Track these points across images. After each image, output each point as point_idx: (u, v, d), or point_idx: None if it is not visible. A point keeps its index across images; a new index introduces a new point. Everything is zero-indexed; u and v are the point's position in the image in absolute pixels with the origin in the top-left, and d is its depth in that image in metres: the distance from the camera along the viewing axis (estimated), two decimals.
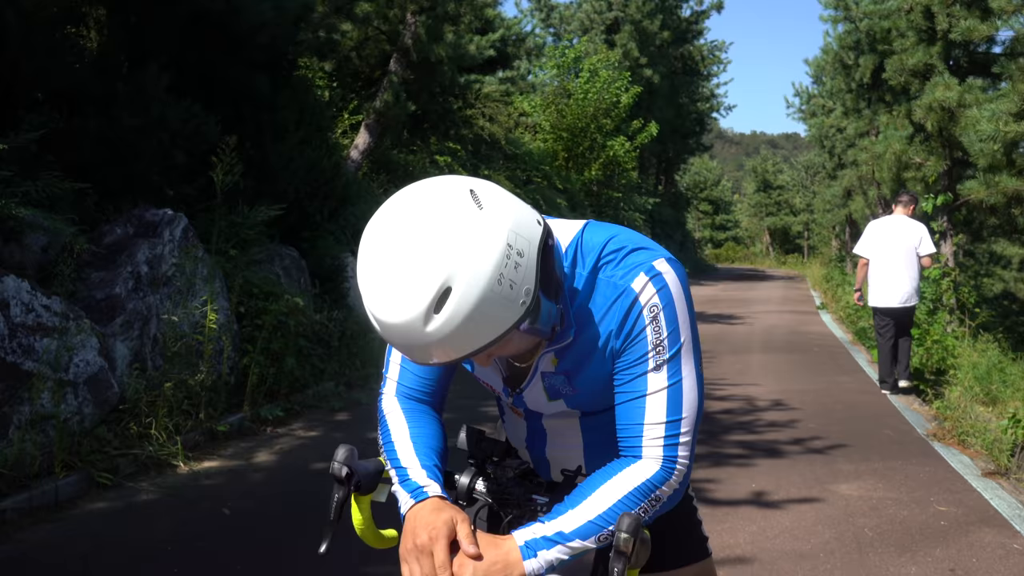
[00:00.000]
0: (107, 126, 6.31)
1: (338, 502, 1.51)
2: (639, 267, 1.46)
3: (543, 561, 1.39)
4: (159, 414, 5.38)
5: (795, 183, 55.49)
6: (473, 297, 1.21)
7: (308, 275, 8.03)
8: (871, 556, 4.26)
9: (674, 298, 1.46)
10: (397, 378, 1.67)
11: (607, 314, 1.47)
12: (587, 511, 1.42)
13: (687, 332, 1.48)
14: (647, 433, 1.47)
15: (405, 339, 1.25)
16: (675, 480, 1.50)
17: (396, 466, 1.55)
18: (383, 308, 1.24)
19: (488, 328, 1.25)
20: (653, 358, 1.46)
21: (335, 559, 3.85)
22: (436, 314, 1.21)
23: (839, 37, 15.65)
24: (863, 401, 8.41)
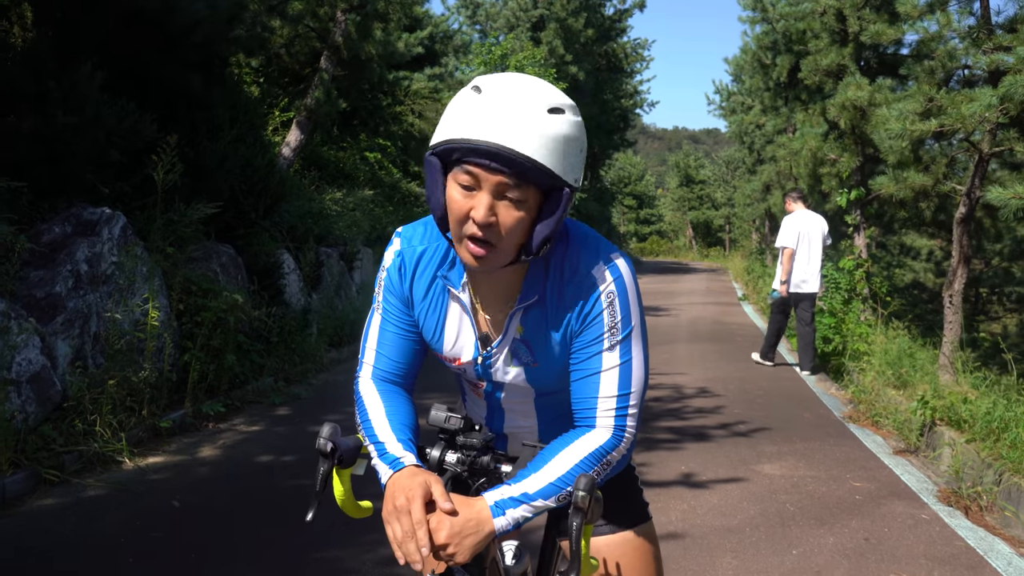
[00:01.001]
0: (42, 124, 6.28)
1: (323, 474, 1.66)
2: (599, 259, 1.68)
3: (510, 519, 1.58)
4: (103, 411, 5.43)
5: (716, 178, 56.63)
6: (569, 128, 1.51)
7: (245, 272, 8.08)
8: (793, 529, 4.57)
9: (627, 288, 1.69)
10: (373, 362, 1.85)
11: (570, 294, 1.69)
12: (549, 474, 1.62)
13: (637, 318, 1.71)
14: (600, 405, 1.69)
15: (519, 114, 1.47)
16: (624, 446, 1.71)
17: (374, 441, 1.73)
18: (510, 89, 1.51)
19: (564, 155, 1.51)
20: (608, 339, 1.68)
21: (284, 546, 4.00)
22: (548, 113, 1.49)
23: (757, 37, 16.17)
24: (783, 387, 8.83)
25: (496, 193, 1.51)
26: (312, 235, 10.10)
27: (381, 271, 1.86)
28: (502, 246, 1.56)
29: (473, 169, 1.50)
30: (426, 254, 1.80)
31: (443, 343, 1.84)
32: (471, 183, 1.52)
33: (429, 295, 1.82)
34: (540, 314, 1.73)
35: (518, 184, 1.50)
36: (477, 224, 1.52)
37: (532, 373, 1.81)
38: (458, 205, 1.54)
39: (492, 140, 1.46)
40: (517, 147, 1.45)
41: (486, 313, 1.78)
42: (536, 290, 1.71)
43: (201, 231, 7.51)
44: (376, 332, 1.86)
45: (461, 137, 1.48)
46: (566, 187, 1.53)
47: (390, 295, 1.84)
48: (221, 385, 6.90)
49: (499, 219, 1.53)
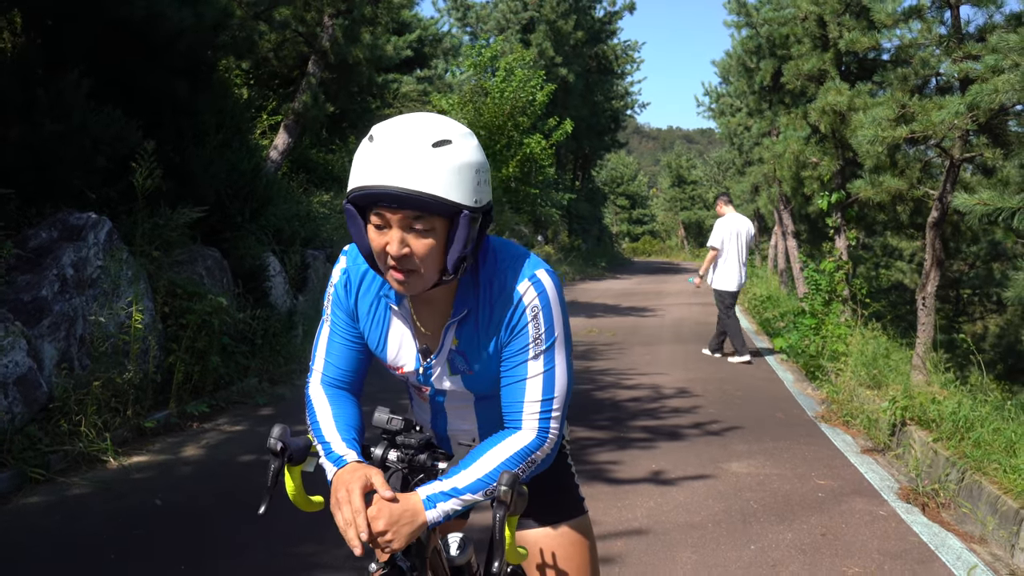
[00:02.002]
0: (29, 132, 6.42)
1: (274, 471, 1.84)
2: (523, 275, 1.86)
3: (440, 511, 1.76)
4: (88, 412, 5.58)
5: (708, 178, 56.89)
6: (456, 156, 1.66)
7: (230, 275, 8.22)
8: (753, 525, 4.74)
9: (551, 301, 1.87)
10: (322, 369, 2.04)
11: (497, 308, 1.86)
12: (477, 470, 1.80)
13: (560, 329, 1.88)
14: (526, 409, 1.87)
15: (407, 156, 1.64)
16: (547, 446, 1.88)
17: (321, 441, 1.91)
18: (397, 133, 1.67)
19: (456, 183, 1.67)
20: (533, 348, 1.86)
21: (264, 545, 4.16)
22: (434, 148, 1.64)
23: (742, 42, 16.33)
24: (762, 387, 9.00)
25: (404, 227, 1.69)
26: (299, 238, 10.25)
27: (329, 287, 2.04)
28: (422, 271, 1.73)
29: (379, 210, 1.68)
30: (369, 272, 1.97)
31: (386, 353, 2.02)
32: (381, 223, 1.70)
33: (373, 310, 1.99)
34: (472, 327, 1.90)
35: (419, 216, 1.67)
36: (393, 257, 1.70)
37: (468, 380, 1.97)
38: (375, 243, 1.73)
39: (383, 184, 1.64)
40: (405, 184, 1.63)
41: (424, 327, 1.96)
42: (467, 304, 1.88)
43: (187, 235, 7.66)
44: (325, 342, 2.04)
45: (360, 185, 1.67)
46: (465, 210, 1.69)
47: (337, 308, 2.01)
48: (206, 386, 7.05)
49: (412, 249, 1.70)
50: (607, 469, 5.73)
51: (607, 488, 5.34)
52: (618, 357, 10.70)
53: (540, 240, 25.29)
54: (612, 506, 4.99)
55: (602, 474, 5.63)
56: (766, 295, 18.03)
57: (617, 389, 8.59)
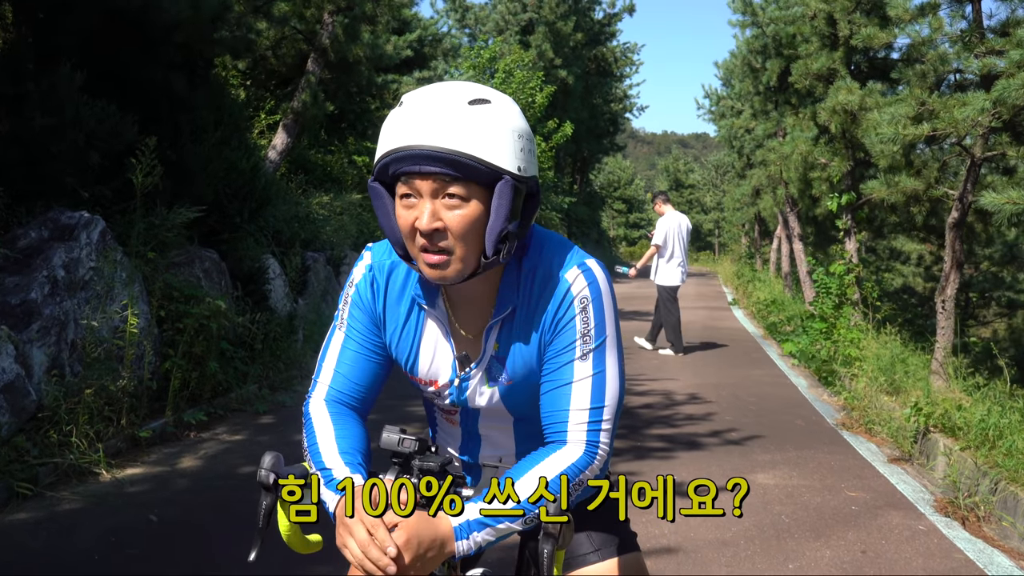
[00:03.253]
0: (19, 126, 6.13)
1: (266, 509, 1.54)
2: (572, 262, 1.61)
3: (472, 542, 1.47)
4: (79, 421, 5.27)
5: (705, 182, 56.74)
6: (496, 115, 1.45)
7: (229, 277, 7.93)
8: (788, 542, 4.47)
9: (602, 293, 1.61)
10: (329, 383, 1.73)
11: (542, 300, 1.60)
12: (516, 494, 1.50)
13: (612, 327, 1.62)
14: (572, 419, 1.59)
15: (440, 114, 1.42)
16: (597, 464, 1.61)
17: (321, 468, 1.60)
18: (429, 94, 1.46)
19: (495, 144, 1.44)
20: (580, 346, 1.59)
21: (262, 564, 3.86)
22: (471, 105, 1.44)
23: (747, 41, 16.09)
24: (775, 393, 8.73)
25: (435, 194, 1.45)
26: (298, 240, 9.96)
27: (348, 287, 1.75)
28: (458, 252, 1.48)
29: (407, 179, 1.46)
30: (397, 268, 1.70)
31: (419, 366, 1.74)
32: (410, 191, 1.46)
33: (403, 315, 1.72)
34: (514, 327, 1.64)
35: (454, 179, 1.44)
36: (423, 232, 1.46)
37: (507, 393, 1.70)
38: (404, 220, 1.49)
39: (411, 143, 1.42)
40: (436, 143, 1.41)
41: (463, 330, 1.68)
42: (511, 300, 1.62)
43: (184, 236, 7.37)
44: (336, 351, 1.74)
45: (387, 150, 1.45)
46: (505, 175, 1.45)
47: (358, 311, 1.73)
48: (204, 393, 6.75)
49: (445, 223, 1.46)
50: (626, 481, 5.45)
51: (627, 502, 5.04)
52: (625, 362, 10.42)
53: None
54: (635, 521, 4.68)
55: None
56: (770, 299, 17.79)
57: (628, 395, 8.32)
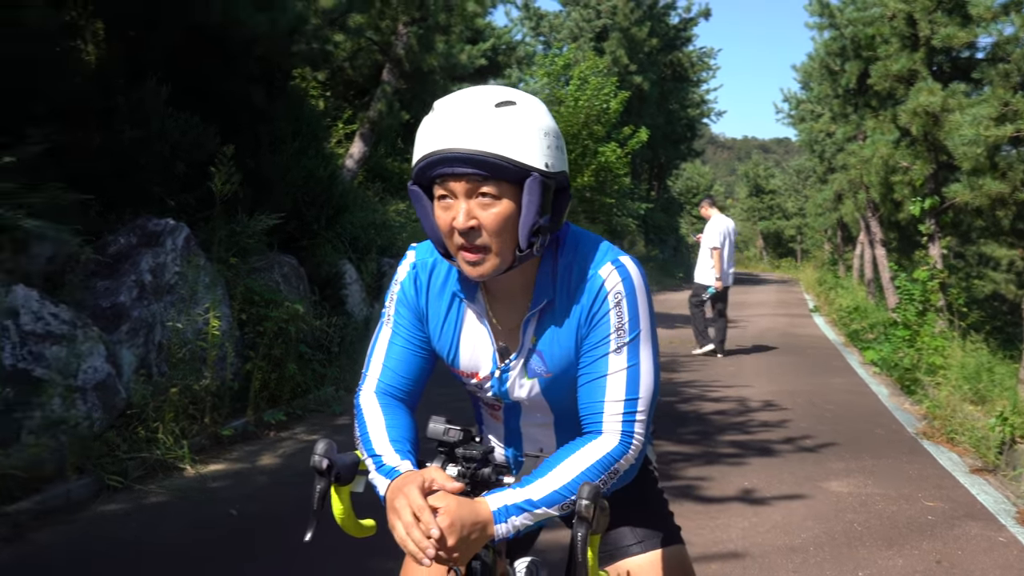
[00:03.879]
0: (109, 138, 6.43)
1: (320, 492, 1.63)
2: (606, 258, 1.68)
3: (511, 526, 1.54)
4: (166, 419, 5.50)
5: (787, 187, 55.73)
6: (523, 116, 1.54)
7: (307, 282, 8.15)
8: (859, 549, 4.40)
9: (636, 289, 1.67)
10: (378, 376, 1.82)
11: (577, 295, 1.67)
12: (553, 482, 1.57)
13: (646, 322, 1.68)
14: (607, 410, 1.65)
15: (470, 117, 1.50)
16: (632, 454, 1.66)
17: (371, 454, 1.69)
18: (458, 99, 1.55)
19: (522, 143, 1.52)
20: (615, 340, 1.65)
21: (338, 555, 3.97)
22: (497, 107, 1.52)
23: (825, 44, 15.81)
24: (855, 401, 8.56)
25: (469, 194, 1.54)
26: (375, 246, 10.17)
27: (394, 284, 1.84)
28: (494, 247, 1.57)
29: (443, 182, 1.55)
30: (439, 265, 1.79)
31: (459, 359, 1.82)
32: (446, 193, 1.56)
33: (444, 310, 1.80)
34: (551, 320, 1.71)
35: (486, 179, 1.52)
36: (460, 231, 1.55)
37: (546, 386, 1.77)
38: (442, 220, 1.58)
39: (443, 147, 1.50)
40: (466, 145, 1.49)
41: (501, 324, 1.76)
42: (546, 293, 1.69)
43: (264, 242, 7.61)
44: (384, 346, 1.83)
45: (422, 155, 1.54)
46: (534, 172, 1.53)
47: (403, 308, 1.82)
48: (283, 394, 6.95)
49: (480, 221, 1.55)
50: (696, 486, 5.43)
51: (697, 506, 5.04)
52: (701, 369, 10.35)
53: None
54: (703, 526, 4.69)
55: (691, 491, 5.32)
56: (853, 306, 17.40)
57: (702, 402, 8.26)
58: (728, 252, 11.17)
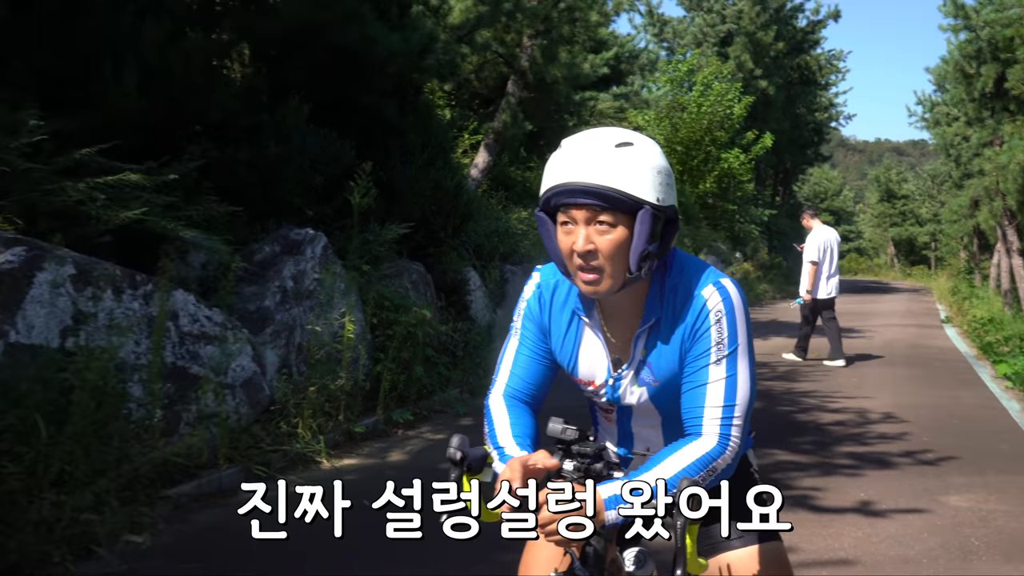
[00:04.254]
0: (255, 154, 6.95)
1: (453, 480, 1.88)
2: (708, 280, 1.90)
3: (619, 514, 1.75)
4: (304, 415, 5.95)
5: (921, 192, 53.68)
6: (639, 156, 1.77)
7: (433, 289, 8.56)
8: (975, 564, 4.40)
9: (735, 308, 1.88)
10: (506, 381, 2.08)
11: (682, 313, 1.89)
12: (657, 476, 1.78)
13: (743, 337, 1.89)
14: (707, 415, 1.87)
15: (591, 156, 1.75)
16: (728, 455, 1.87)
17: (496, 446, 1.96)
18: (583, 139, 1.81)
19: (636, 179, 1.76)
20: (715, 352, 1.87)
21: (468, 547, 4.26)
22: (617, 148, 1.76)
23: (959, 46, 15.35)
24: (982, 416, 8.35)
25: (588, 221, 1.77)
26: (498, 253, 10.51)
27: (521, 301, 2.09)
28: (608, 269, 1.80)
29: (566, 209, 1.78)
30: (560, 285, 2.03)
31: (578, 368, 2.05)
32: (568, 220, 1.79)
33: (565, 326, 2.03)
34: (658, 335, 1.93)
35: (603, 209, 1.75)
36: (579, 254, 1.78)
37: (654, 393, 1.98)
38: (564, 244, 1.81)
39: (569, 180, 1.75)
40: (588, 179, 1.73)
41: (614, 338, 1.99)
42: (655, 312, 1.92)
43: (394, 250, 8.04)
44: (512, 355, 2.08)
45: (549, 186, 1.79)
46: (646, 205, 1.75)
47: (528, 322, 2.06)
48: (410, 395, 7.35)
49: (597, 245, 1.77)
50: (811, 495, 5.49)
51: (811, 515, 5.11)
52: (822, 379, 10.26)
53: (739, 257, 24.67)
54: (816, 534, 4.77)
55: (806, 500, 5.39)
56: (987, 317, 16.74)
57: (820, 412, 8.23)
58: (831, 262, 11.21)
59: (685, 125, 21.77)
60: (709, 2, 26.88)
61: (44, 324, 4.49)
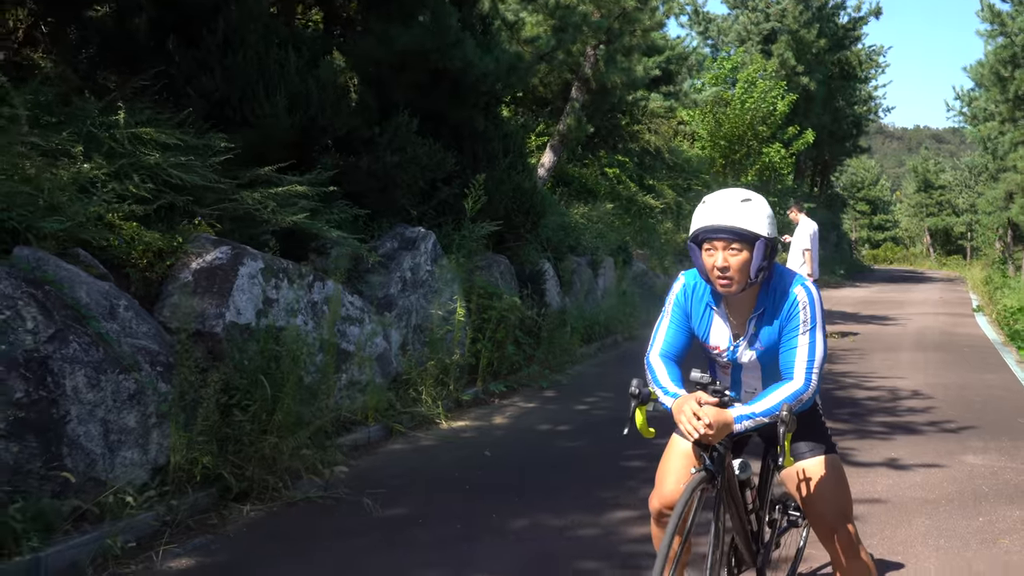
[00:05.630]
0: (373, 162, 8.15)
1: (633, 407, 3.04)
2: (797, 282, 3.06)
3: (743, 425, 2.91)
4: (426, 384, 7.18)
5: (958, 183, 53.99)
6: (758, 207, 2.91)
7: (516, 279, 9.75)
8: (983, 504, 5.50)
9: (813, 300, 3.03)
10: (660, 346, 3.21)
11: (781, 304, 3.05)
12: (768, 402, 2.92)
13: (820, 319, 3.04)
14: (797, 366, 3.00)
15: (726, 207, 2.93)
16: (809, 392, 2.98)
17: (660, 387, 3.09)
18: (720, 197, 3.00)
19: (755, 222, 2.92)
20: (802, 327, 3.01)
21: (571, 487, 5.42)
22: (742, 203, 2.93)
23: (995, 51, 16.20)
24: (1003, 395, 9.37)
25: (724, 247, 2.92)
26: (565, 246, 11.67)
27: (671, 294, 3.25)
28: (736, 278, 2.94)
29: (709, 242, 2.94)
30: (698, 285, 3.20)
31: (709, 338, 3.22)
32: (711, 247, 2.95)
33: (701, 312, 3.21)
34: (764, 319, 3.09)
35: (733, 241, 2.90)
36: (719, 268, 2.93)
37: (760, 355, 3.14)
38: (707, 262, 2.97)
39: (714, 223, 2.92)
40: (726, 223, 2.90)
41: (734, 319, 3.15)
42: (763, 304, 3.07)
43: (484, 245, 9.23)
44: (665, 328, 3.23)
45: (701, 227, 2.96)
46: (760, 238, 2.90)
47: (677, 308, 3.22)
48: (502, 370, 8.56)
49: (729, 263, 2.92)
50: (848, 453, 6.60)
51: (849, 468, 6.17)
52: (858, 362, 11.32)
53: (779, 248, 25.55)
54: (854, 481, 5.81)
55: (844, 457, 6.40)
56: (1018, 306, 17.61)
57: (856, 389, 9.31)
58: (814, 250, 12.88)
59: (728, 120, 22.74)
60: (754, 0, 27.74)
61: (246, 307, 5.73)
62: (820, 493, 3.20)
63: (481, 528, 4.82)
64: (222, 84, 7.12)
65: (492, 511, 5.09)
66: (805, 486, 3.23)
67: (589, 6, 12.57)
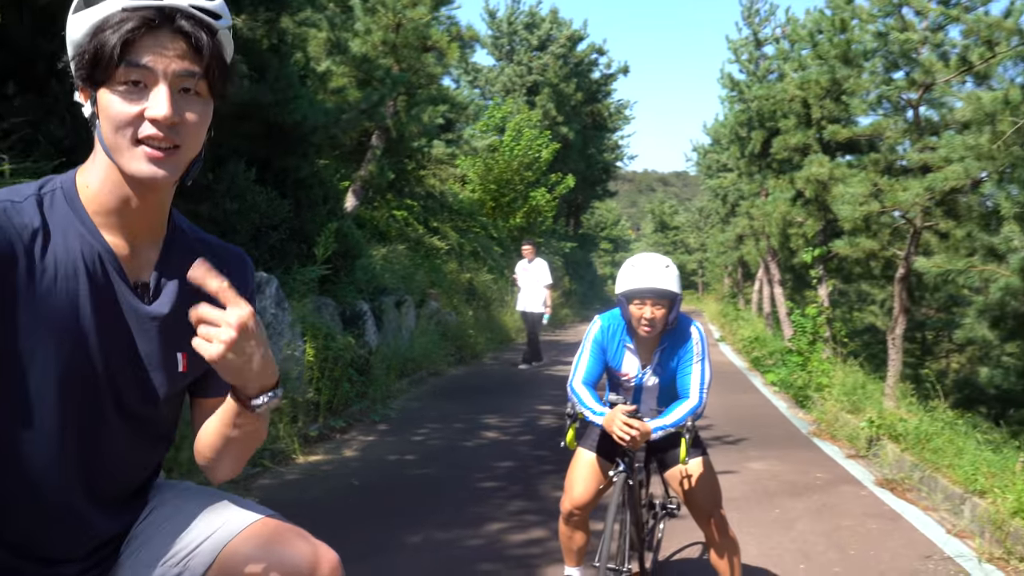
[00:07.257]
0: (213, 208, 8.42)
1: (567, 425, 3.90)
2: (692, 324, 4.00)
3: (657, 434, 3.79)
4: (284, 422, 7.54)
5: (690, 224, 59.53)
6: (674, 272, 3.84)
7: (339, 320, 10.22)
8: (775, 498, 6.77)
9: (703, 336, 3.99)
10: (582, 375, 4.02)
11: (678, 340, 3.97)
12: (675, 416, 3.80)
13: (707, 351, 3.99)
14: (692, 387, 3.91)
15: (653, 272, 3.79)
16: (702, 407, 3.90)
17: (588, 408, 3.91)
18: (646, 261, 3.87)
19: (675, 283, 3.83)
20: (696, 357, 3.94)
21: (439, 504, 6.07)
22: (666, 268, 3.82)
23: (735, 115, 18.67)
24: (761, 412, 11.07)
25: (651, 304, 3.79)
26: (372, 286, 12.25)
27: (589, 333, 4.08)
28: (658, 326, 3.85)
29: (637, 300, 3.81)
30: (612, 326, 4.05)
31: (621, 367, 4.07)
32: (640, 303, 3.81)
33: (615, 347, 4.06)
34: (666, 353, 3.99)
35: (659, 299, 3.80)
36: (645, 319, 3.81)
37: (660, 379, 4.03)
38: (636, 314, 3.85)
39: (643, 286, 3.80)
40: (654, 285, 3.79)
41: (643, 353, 4.03)
42: (666, 341, 3.97)
43: (311, 288, 9.66)
44: (585, 360, 4.04)
45: (632, 288, 3.82)
46: (677, 296, 3.81)
47: (595, 344, 4.04)
48: (338, 406, 9.01)
49: (655, 316, 3.80)
50: None
51: None
52: None
53: None
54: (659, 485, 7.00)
55: None
56: (753, 336, 20.14)
57: None
58: (531, 285, 14.78)
59: (498, 166, 24.21)
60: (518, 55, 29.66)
61: None
62: (700, 486, 4.12)
63: (382, 545, 5.38)
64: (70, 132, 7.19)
65: (385, 531, 5.66)
66: (688, 481, 4.14)
67: (390, 60, 13.35)
